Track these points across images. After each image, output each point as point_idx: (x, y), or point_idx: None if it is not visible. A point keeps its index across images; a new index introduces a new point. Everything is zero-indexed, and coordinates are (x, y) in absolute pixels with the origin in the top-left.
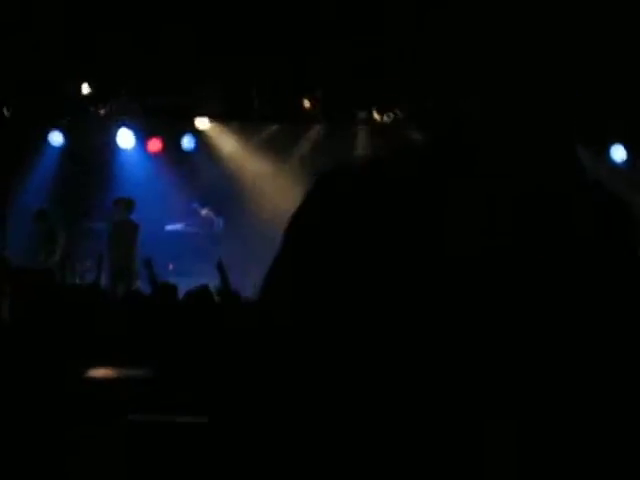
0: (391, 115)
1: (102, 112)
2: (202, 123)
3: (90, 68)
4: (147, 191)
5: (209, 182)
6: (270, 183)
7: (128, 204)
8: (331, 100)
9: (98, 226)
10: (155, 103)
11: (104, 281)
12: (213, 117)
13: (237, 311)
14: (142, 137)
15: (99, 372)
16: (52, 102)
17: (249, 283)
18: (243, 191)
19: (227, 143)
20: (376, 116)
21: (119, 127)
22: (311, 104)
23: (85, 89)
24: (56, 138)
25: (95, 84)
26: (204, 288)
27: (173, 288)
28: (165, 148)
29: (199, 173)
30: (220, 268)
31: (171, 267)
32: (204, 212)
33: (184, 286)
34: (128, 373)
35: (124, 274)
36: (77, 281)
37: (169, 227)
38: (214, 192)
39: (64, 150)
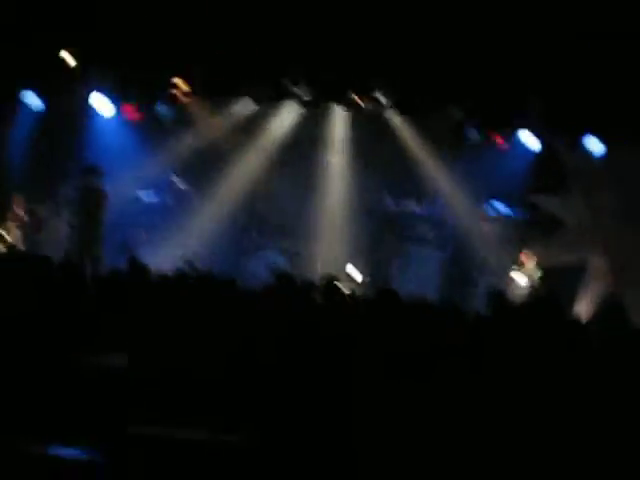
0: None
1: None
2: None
3: (70, 36)
4: (122, 159)
5: (184, 153)
6: (244, 158)
7: (98, 172)
8: (312, 81)
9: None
10: (134, 74)
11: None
12: (192, 90)
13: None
14: (119, 105)
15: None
16: (32, 68)
17: (219, 255)
18: (217, 164)
19: (204, 116)
20: (356, 99)
21: (92, 91)
22: (290, 84)
23: (66, 56)
24: (33, 100)
25: (77, 53)
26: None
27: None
28: (141, 116)
29: (173, 142)
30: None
31: (144, 236)
32: (178, 183)
33: (157, 257)
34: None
35: (91, 244)
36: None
37: (142, 195)
38: (188, 163)
39: (41, 114)
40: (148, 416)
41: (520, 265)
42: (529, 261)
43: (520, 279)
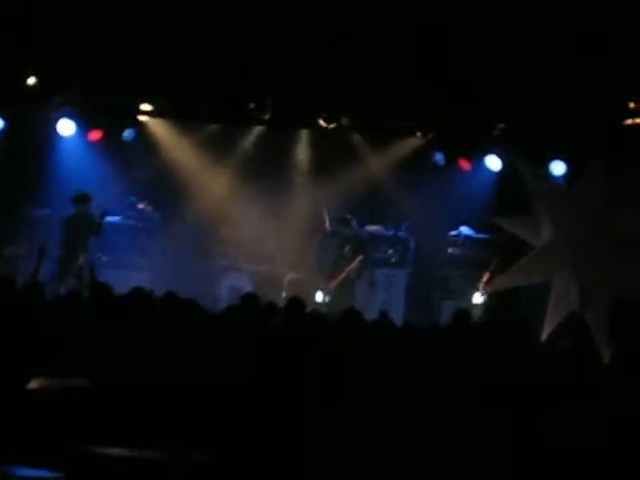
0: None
1: (45, 103)
2: (144, 117)
3: (38, 62)
4: (85, 181)
5: (148, 175)
6: (208, 181)
7: (88, 199)
8: (278, 106)
9: (39, 213)
10: (99, 98)
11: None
12: (156, 113)
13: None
14: (83, 128)
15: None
16: None
17: (183, 277)
18: (181, 187)
19: (168, 138)
20: (321, 122)
21: (60, 117)
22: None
23: (31, 81)
24: None
25: (42, 78)
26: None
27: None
28: (105, 138)
29: (138, 166)
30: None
31: (104, 258)
32: (141, 206)
33: (120, 279)
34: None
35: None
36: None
37: (106, 218)
38: (152, 185)
39: (2, 136)
40: (113, 437)
41: (483, 287)
42: (486, 284)
43: (477, 300)
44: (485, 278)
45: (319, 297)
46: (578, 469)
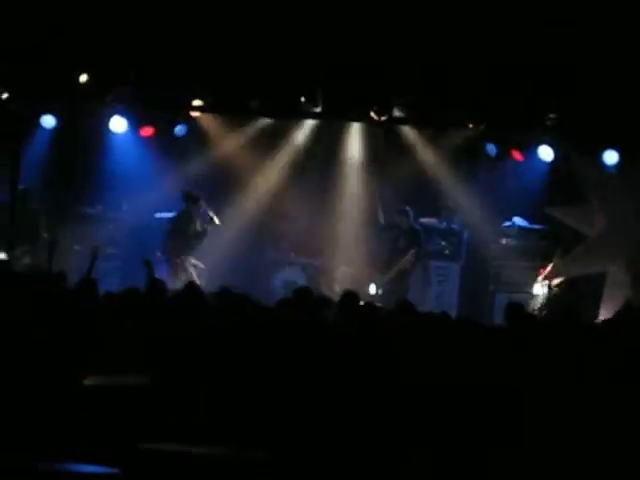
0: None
1: (97, 101)
2: (196, 113)
3: (90, 59)
4: (138, 178)
5: (200, 170)
6: (259, 175)
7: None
8: (329, 99)
9: (91, 210)
10: (150, 94)
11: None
12: (208, 108)
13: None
14: (135, 125)
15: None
16: (48, 88)
17: (238, 272)
18: (233, 182)
19: (219, 133)
20: (373, 115)
21: (112, 114)
22: (308, 102)
23: (83, 78)
24: (49, 121)
25: (94, 76)
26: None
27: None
28: (157, 135)
29: (190, 161)
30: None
31: (159, 255)
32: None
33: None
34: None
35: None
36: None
37: (159, 215)
38: (205, 181)
39: (56, 133)
40: (169, 434)
41: (539, 278)
42: (548, 275)
43: (539, 292)
44: (547, 269)
45: (372, 290)
46: None
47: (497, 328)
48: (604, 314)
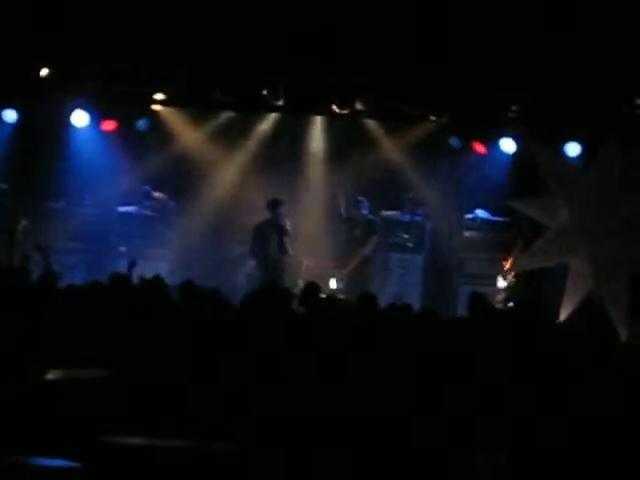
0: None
1: (59, 95)
2: (158, 107)
3: (52, 52)
4: (100, 172)
5: (162, 164)
6: (222, 168)
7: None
8: (291, 93)
9: (54, 205)
10: (112, 88)
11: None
12: (170, 102)
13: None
14: (97, 119)
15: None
16: (8, 82)
17: (200, 266)
18: (196, 175)
19: (181, 127)
20: (335, 108)
21: (74, 108)
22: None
23: (44, 72)
24: (10, 115)
25: (55, 69)
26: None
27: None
28: (119, 129)
29: (152, 155)
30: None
31: (123, 249)
32: (157, 195)
33: (137, 269)
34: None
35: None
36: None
37: (122, 209)
38: (167, 174)
39: (17, 128)
40: (131, 427)
41: (501, 270)
42: (510, 267)
43: (502, 285)
44: (508, 261)
45: (332, 284)
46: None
47: (459, 319)
48: (567, 306)
